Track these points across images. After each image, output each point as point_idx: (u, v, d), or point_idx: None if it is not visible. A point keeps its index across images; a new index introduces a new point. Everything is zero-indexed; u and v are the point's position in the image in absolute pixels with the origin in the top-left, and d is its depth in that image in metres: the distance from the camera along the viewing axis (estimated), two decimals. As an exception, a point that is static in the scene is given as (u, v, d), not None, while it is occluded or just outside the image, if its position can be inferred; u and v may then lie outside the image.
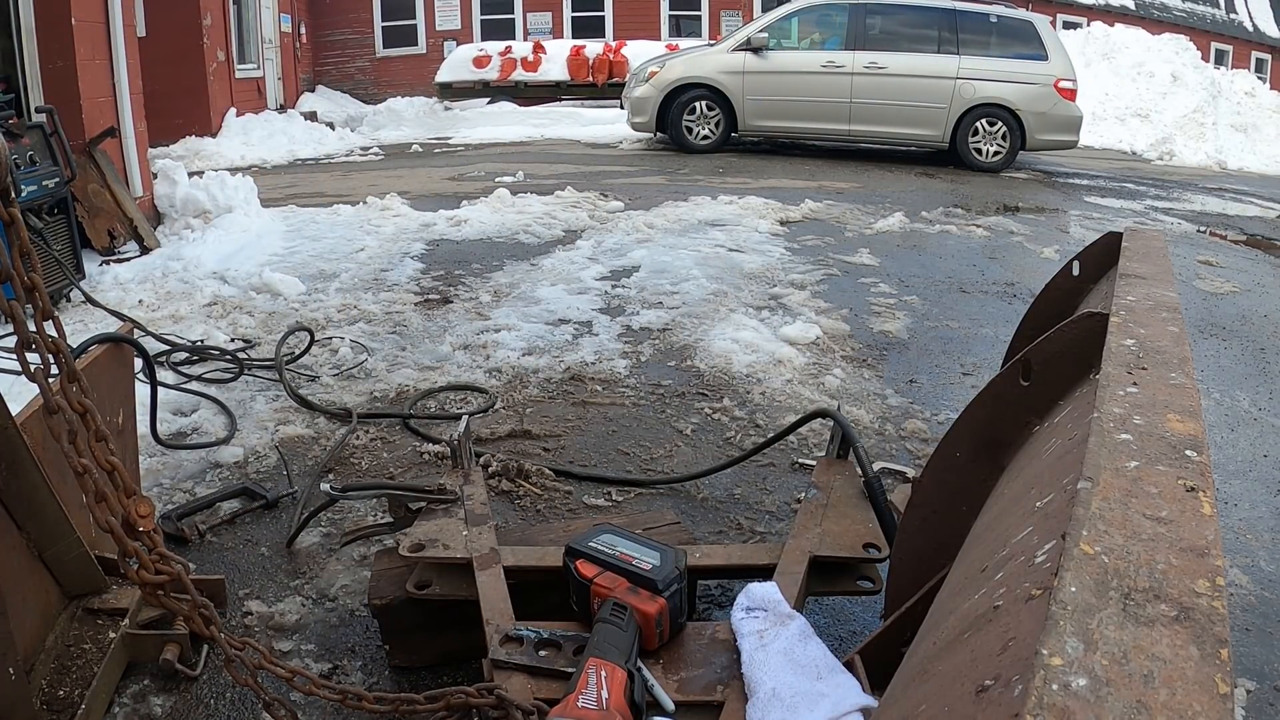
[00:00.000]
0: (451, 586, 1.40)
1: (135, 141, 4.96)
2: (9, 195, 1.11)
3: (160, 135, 7.99)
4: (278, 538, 1.87)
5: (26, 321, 1.13)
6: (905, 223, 5.90)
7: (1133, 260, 1.42)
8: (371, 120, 13.92)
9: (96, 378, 1.45)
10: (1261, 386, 3.06)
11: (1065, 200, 7.66)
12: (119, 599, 1.45)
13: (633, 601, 1.21)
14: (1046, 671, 0.47)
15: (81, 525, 1.38)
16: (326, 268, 4.25)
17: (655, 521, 1.68)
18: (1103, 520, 0.62)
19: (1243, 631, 1.65)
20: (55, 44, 4.41)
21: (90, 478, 1.17)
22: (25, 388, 1.24)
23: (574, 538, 1.35)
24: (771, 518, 1.98)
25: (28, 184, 3.54)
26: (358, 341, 3.15)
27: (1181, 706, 0.45)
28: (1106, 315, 1.08)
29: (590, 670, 1.08)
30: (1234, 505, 2.16)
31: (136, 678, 1.41)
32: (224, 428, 2.42)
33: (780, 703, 1.10)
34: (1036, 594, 0.62)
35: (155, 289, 3.87)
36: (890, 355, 3.21)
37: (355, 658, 1.50)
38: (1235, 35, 21.64)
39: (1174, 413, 0.80)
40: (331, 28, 16.61)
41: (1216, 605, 0.53)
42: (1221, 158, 12.92)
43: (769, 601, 1.27)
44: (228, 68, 11.70)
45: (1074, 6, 19.40)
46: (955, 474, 1.20)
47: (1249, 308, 4.16)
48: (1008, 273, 4.66)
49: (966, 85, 9.11)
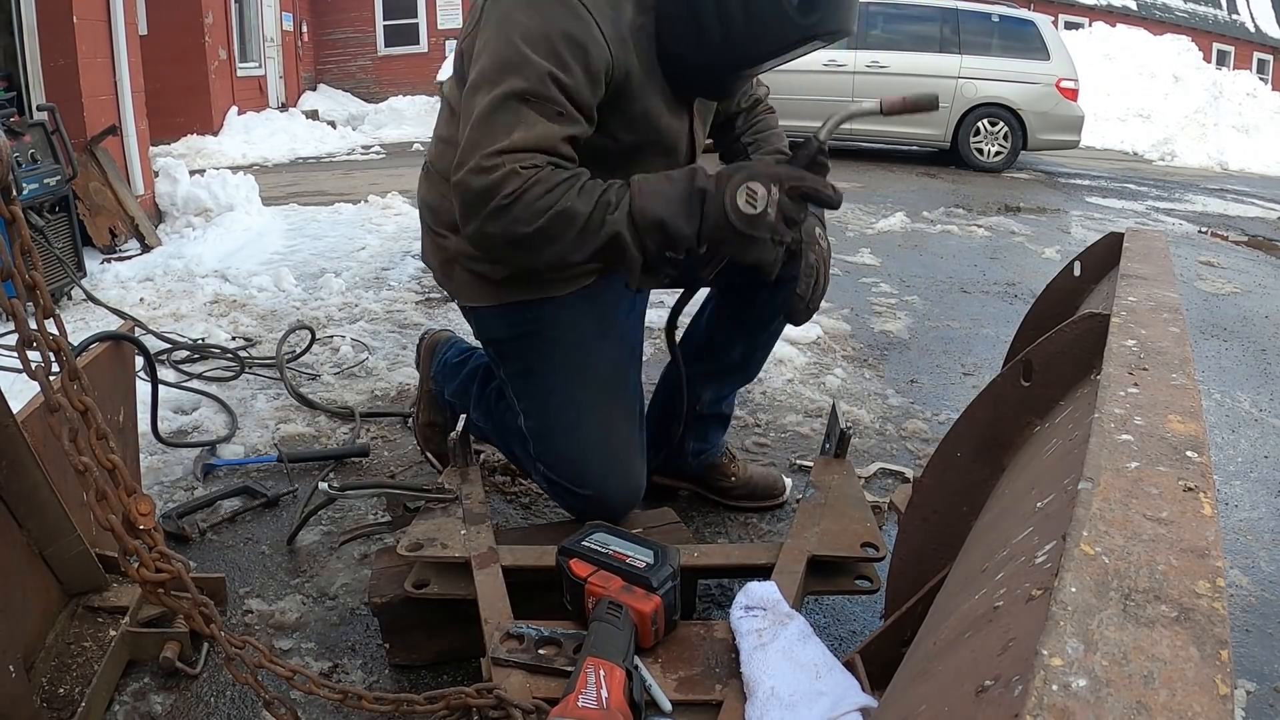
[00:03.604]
0: (450, 585, 1.40)
1: (137, 140, 4.97)
2: (10, 193, 1.11)
3: (162, 133, 7.98)
4: (278, 536, 1.87)
5: (27, 319, 1.13)
6: (906, 222, 5.90)
7: (1134, 261, 1.42)
8: (373, 119, 13.93)
9: (97, 376, 1.45)
10: (1262, 387, 3.06)
11: (1066, 200, 7.66)
12: (119, 597, 1.46)
13: (627, 600, 1.21)
14: (1046, 672, 0.47)
15: (82, 523, 1.38)
16: (328, 266, 4.25)
17: (655, 520, 1.68)
18: (1103, 521, 0.62)
19: (1243, 632, 1.65)
20: (57, 42, 4.41)
21: (91, 476, 1.17)
22: (26, 386, 1.24)
23: (567, 537, 1.35)
24: (771, 517, 1.98)
25: (29, 182, 3.54)
26: (359, 340, 3.15)
27: (1181, 707, 0.45)
28: (1107, 316, 1.07)
29: (589, 669, 1.08)
30: (1235, 506, 2.16)
31: (137, 675, 1.41)
32: (225, 426, 2.42)
33: (779, 702, 1.10)
34: (1037, 594, 0.62)
35: (156, 287, 3.87)
36: (891, 355, 3.21)
37: (355, 656, 1.50)
38: (1237, 36, 21.63)
39: (1175, 413, 0.80)
40: (333, 26, 16.61)
41: (1217, 606, 0.53)
42: (1223, 158, 12.91)
43: (768, 600, 1.27)
44: (229, 66, 11.71)
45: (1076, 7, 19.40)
46: (955, 474, 1.20)
47: (1250, 309, 4.16)
48: (1009, 273, 4.66)
49: (968, 85, 9.11)
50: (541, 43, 1.36)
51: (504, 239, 1.39)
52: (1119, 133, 14.35)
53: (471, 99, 1.39)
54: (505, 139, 1.35)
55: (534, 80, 1.36)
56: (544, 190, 1.36)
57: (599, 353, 1.61)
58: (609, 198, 1.39)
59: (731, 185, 1.38)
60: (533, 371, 1.62)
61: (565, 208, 1.36)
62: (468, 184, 1.37)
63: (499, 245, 1.42)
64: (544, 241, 1.39)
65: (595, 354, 1.61)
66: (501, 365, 1.69)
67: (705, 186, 1.39)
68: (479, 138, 1.37)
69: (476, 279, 1.60)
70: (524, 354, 1.62)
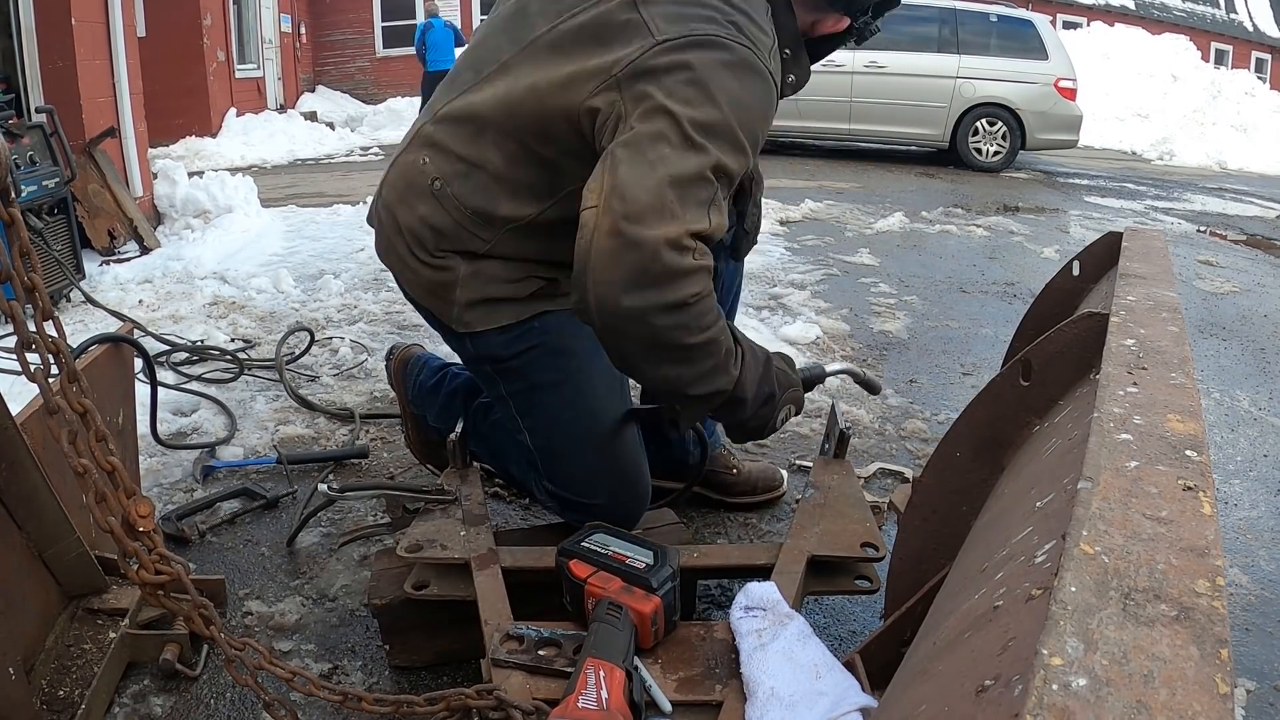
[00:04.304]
0: (450, 587, 1.40)
1: (135, 141, 4.97)
2: (9, 195, 1.11)
3: (160, 135, 7.99)
4: (278, 538, 1.87)
5: (26, 322, 1.13)
6: (905, 222, 5.90)
7: (1133, 260, 1.42)
8: (371, 120, 13.92)
9: (96, 378, 1.45)
10: (1261, 386, 3.06)
11: (1065, 200, 7.66)
12: (119, 599, 1.45)
13: (627, 600, 1.21)
14: (1046, 671, 0.47)
15: (82, 525, 1.38)
16: (327, 267, 4.25)
17: (655, 521, 1.68)
18: (1103, 520, 0.62)
19: (1243, 631, 1.65)
20: (55, 44, 4.41)
21: (90, 478, 1.17)
22: (25, 388, 1.24)
23: (567, 538, 1.35)
24: (771, 517, 1.98)
25: (28, 184, 3.54)
26: (358, 341, 3.15)
27: (1181, 706, 0.45)
28: (1106, 315, 1.08)
29: (589, 670, 1.08)
30: (1234, 505, 2.16)
31: (136, 678, 1.41)
32: (224, 428, 2.42)
33: (779, 702, 1.10)
34: (1036, 594, 0.62)
35: (155, 289, 3.87)
36: (890, 355, 3.21)
37: (355, 658, 1.50)
38: (1235, 35, 21.64)
39: (1174, 413, 0.80)
40: (331, 28, 16.61)
41: (1217, 605, 0.53)
42: (1221, 158, 12.92)
43: (768, 601, 1.27)
44: (228, 68, 11.71)
45: (1074, 6, 19.41)
46: (955, 474, 1.20)
47: (1249, 307, 4.16)
48: (1008, 272, 4.66)
49: (967, 84, 9.11)
50: (747, 118, 1.27)
51: (656, 335, 1.23)
52: (1117, 132, 14.37)
53: (656, 146, 1.21)
54: (705, 221, 1.22)
55: (736, 158, 1.26)
56: (713, 306, 1.26)
57: (600, 359, 1.50)
58: (731, 346, 1.33)
59: (783, 402, 1.48)
60: (538, 386, 1.54)
61: (717, 338, 1.29)
62: (660, 255, 1.18)
63: (639, 335, 1.24)
64: (681, 359, 1.27)
65: (597, 361, 1.51)
66: (500, 384, 1.58)
67: (774, 391, 1.44)
68: (676, 204, 1.20)
69: (485, 303, 1.50)
70: (526, 370, 1.54)
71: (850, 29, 1.53)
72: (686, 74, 1.24)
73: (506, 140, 1.42)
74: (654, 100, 1.24)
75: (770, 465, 2.09)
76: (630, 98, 1.27)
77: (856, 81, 9.13)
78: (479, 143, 1.45)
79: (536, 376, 1.54)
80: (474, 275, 1.49)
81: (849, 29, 1.53)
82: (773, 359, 1.47)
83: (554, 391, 1.54)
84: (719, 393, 1.34)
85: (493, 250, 1.48)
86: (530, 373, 1.54)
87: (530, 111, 1.39)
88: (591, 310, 1.23)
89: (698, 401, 1.36)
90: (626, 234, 1.18)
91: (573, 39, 1.36)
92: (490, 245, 1.48)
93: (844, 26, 1.52)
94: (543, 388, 1.54)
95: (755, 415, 1.44)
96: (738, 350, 1.36)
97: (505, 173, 1.44)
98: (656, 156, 1.21)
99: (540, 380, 1.54)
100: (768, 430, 1.48)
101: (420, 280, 1.55)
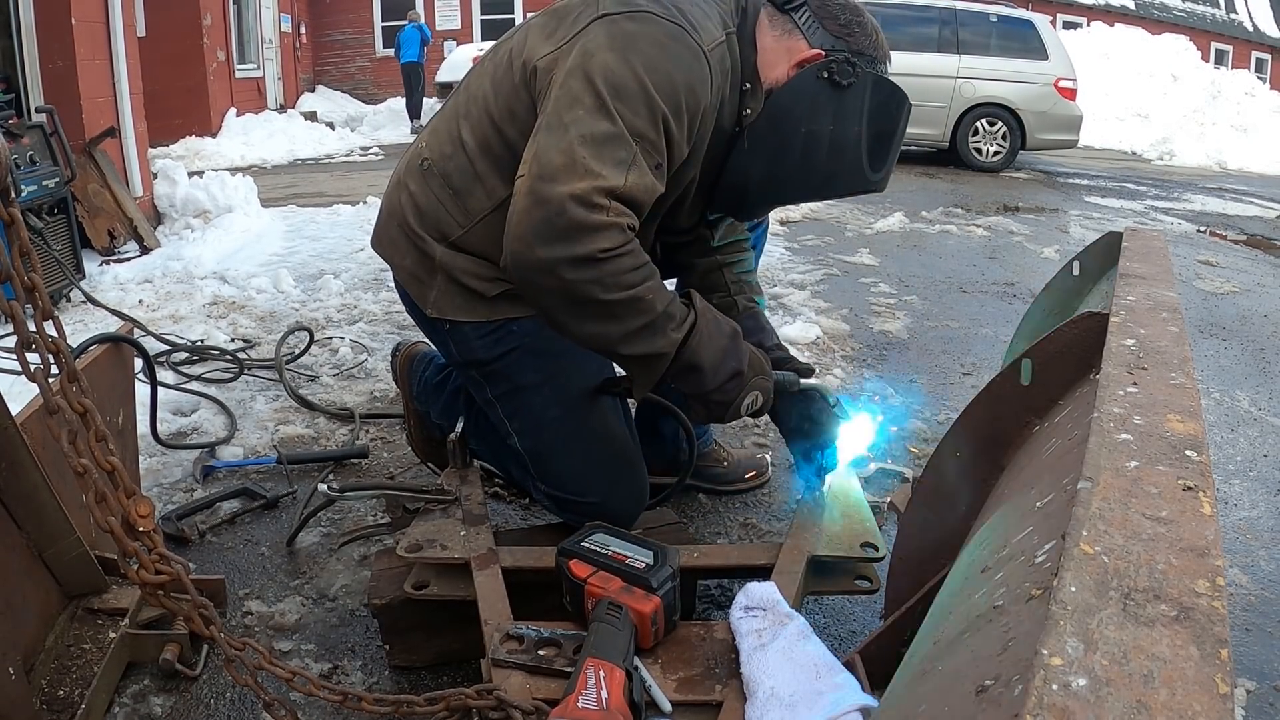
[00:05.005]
0: (450, 587, 1.40)
1: (135, 141, 4.97)
2: (9, 195, 1.11)
3: (160, 135, 7.99)
4: (278, 538, 1.87)
5: (26, 321, 1.13)
6: (905, 222, 5.90)
7: (1133, 260, 1.42)
8: (371, 120, 13.94)
9: (96, 378, 1.45)
10: (1261, 386, 3.06)
11: (1065, 200, 7.66)
12: (119, 599, 1.45)
13: (627, 600, 1.21)
14: (1046, 671, 0.47)
15: (81, 525, 1.38)
16: (326, 267, 4.25)
17: (656, 521, 1.68)
18: (1103, 520, 0.62)
19: (1243, 631, 1.65)
20: (55, 44, 4.41)
21: (90, 478, 1.17)
22: (25, 388, 1.24)
23: (567, 538, 1.35)
24: (771, 517, 1.98)
25: (28, 184, 3.54)
26: (358, 341, 3.15)
27: (1181, 706, 0.45)
28: (1106, 315, 1.08)
29: (589, 670, 1.08)
30: (1234, 505, 2.16)
31: (136, 678, 1.41)
32: (224, 428, 2.42)
33: (779, 702, 1.10)
34: (1036, 594, 0.62)
35: (155, 289, 3.87)
36: (890, 355, 3.21)
37: (355, 658, 1.50)
38: (1235, 35, 21.65)
39: (1174, 413, 0.80)
40: (331, 28, 16.63)
41: (1217, 605, 0.53)
42: (1221, 158, 12.92)
43: (768, 601, 1.27)
44: (228, 68, 11.72)
45: (1074, 6, 19.41)
46: (955, 474, 1.20)
47: (1249, 307, 4.16)
48: (1007, 272, 4.66)
49: (966, 84, 9.11)
50: (665, 83, 1.29)
51: (568, 289, 1.26)
52: (1117, 132, 14.37)
53: (572, 109, 1.28)
54: (619, 179, 1.25)
55: (651, 122, 1.28)
56: (633, 265, 1.28)
57: (585, 358, 1.52)
58: (674, 311, 1.33)
59: (751, 385, 1.44)
60: (521, 388, 1.55)
61: (643, 297, 1.29)
62: (565, 209, 1.23)
63: (553, 289, 1.27)
64: (603, 315, 1.29)
65: (581, 359, 1.53)
66: (486, 387, 1.59)
67: (741, 368, 1.41)
68: (589, 161, 1.24)
69: (463, 291, 1.52)
70: (510, 372, 1.55)
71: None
72: (610, 39, 1.32)
73: (483, 120, 1.48)
74: (576, 62, 1.32)
75: (759, 454, 2.17)
76: (562, 60, 1.35)
77: (856, 81, 9.12)
78: (465, 123, 1.50)
79: (520, 378, 1.55)
80: (450, 260, 1.52)
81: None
82: (743, 341, 1.44)
83: (537, 392, 1.55)
84: (658, 354, 1.34)
85: (466, 239, 1.50)
86: (513, 375, 1.55)
87: (503, 80, 1.46)
88: (510, 266, 1.30)
89: (636, 363, 1.37)
90: (537, 192, 1.25)
91: (552, 17, 1.45)
92: (464, 231, 1.50)
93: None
94: (527, 389, 1.56)
95: (719, 389, 1.40)
96: (689, 315, 1.36)
97: (476, 153, 1.48)
98: (571, 119, 1.28)
99: (523, 382, 1.55)
100: (730, 412, 1.44)
101: (405, 266, 1.59)
